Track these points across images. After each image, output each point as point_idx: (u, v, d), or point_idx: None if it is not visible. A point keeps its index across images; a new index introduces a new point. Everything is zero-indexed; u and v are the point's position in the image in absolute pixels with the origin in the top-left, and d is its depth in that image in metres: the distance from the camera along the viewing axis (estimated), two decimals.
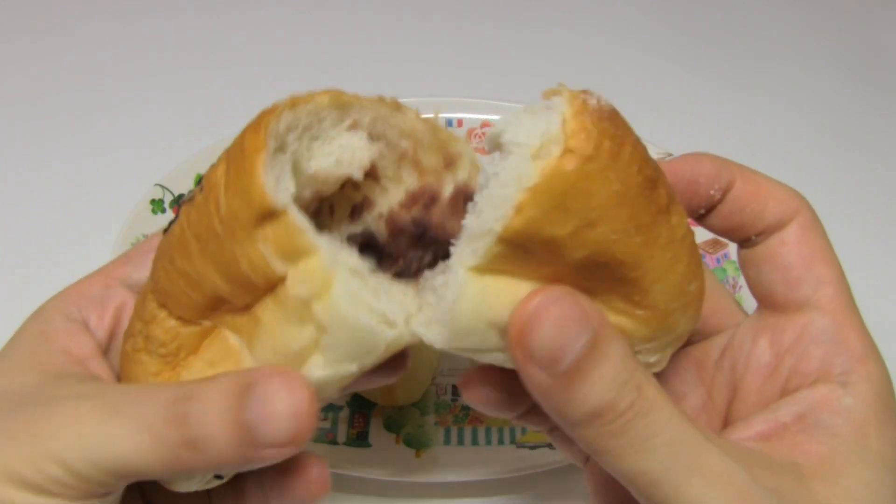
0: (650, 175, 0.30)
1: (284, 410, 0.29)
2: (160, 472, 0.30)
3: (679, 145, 0.70)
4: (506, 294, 0.30)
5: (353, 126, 0.35)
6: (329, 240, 0.32)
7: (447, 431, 0.53)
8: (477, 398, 0.36)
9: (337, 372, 0.31)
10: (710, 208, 0.36)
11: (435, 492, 0.51)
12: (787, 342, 0.34)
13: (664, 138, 0.71)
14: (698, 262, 0.32)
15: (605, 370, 0.29)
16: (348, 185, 0.37)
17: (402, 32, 0.90)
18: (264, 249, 0.30)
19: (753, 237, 0.36)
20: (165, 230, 0.35)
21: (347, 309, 0.30)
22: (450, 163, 0.38)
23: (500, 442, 0.52)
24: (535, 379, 0.29)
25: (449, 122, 0.72)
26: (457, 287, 0.30)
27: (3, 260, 0.64)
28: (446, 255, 0.33)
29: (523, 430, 0.52)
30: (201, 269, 0.32)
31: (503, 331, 0.30)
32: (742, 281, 0.58)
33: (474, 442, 0.52)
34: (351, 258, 0.32)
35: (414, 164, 0.38)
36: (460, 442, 0.52)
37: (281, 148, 0.32)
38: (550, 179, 0.27)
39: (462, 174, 0.38)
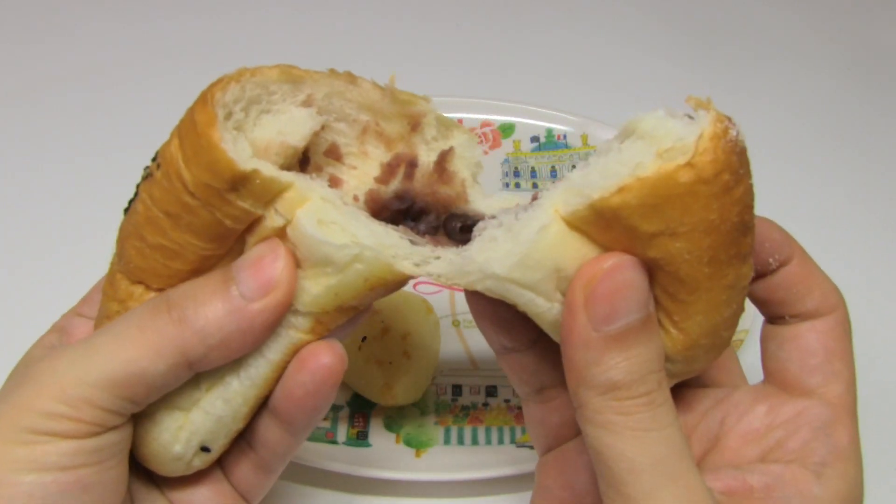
0: (746, 221, 0.31)
1: (258, 254, 0.32)
2: (160, 360, 0.32)
3: None
4: (578, 248, 0.31)
5: (307, 102, 0.36)
6: (300, 174, 0.34)
7: (447, 431, 0.53)
8: (485, 309, 0.36)
9: (313, 273, 0.33)
10: (761, 275, 0.37)
11: (435, 491, 0.51)
12: (782, 417, 0.35)
13: None
14: (739, 316, 0.33)
15: (640, 351, 0.30)
16: (309, 167, 0.38)
17: (402, 32, 0.91)
18: (244, 205, 0.32)
19: (787, 316, 0.37)
20: (126, 210, 0.36)
21: (307, 224, 0.32)
22: (415, 125, 0.38)
23: (500, 442, 0.52)
24: (580, 329, 0.30)
25: None
26: (543, 222, 0.31)
27: (3, 260, 0.64)
28: (449, 223, 0.36)
29: (523, 430, 0.52)
30: (179, 240, 0.33)
31: (561, 279, 0.31)
32: None
33: (474, 442, 0.52)
34: (323, 189, 0.34)
35: (378, 135, 0.38)
36: (460, 442, 0.52)
37: (227, 117, 0.33)
38: (661, 180, 0.29)
39: (430, 132, 0.38)
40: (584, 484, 0.36)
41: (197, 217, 0.32)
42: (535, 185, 0.70)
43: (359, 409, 0.53)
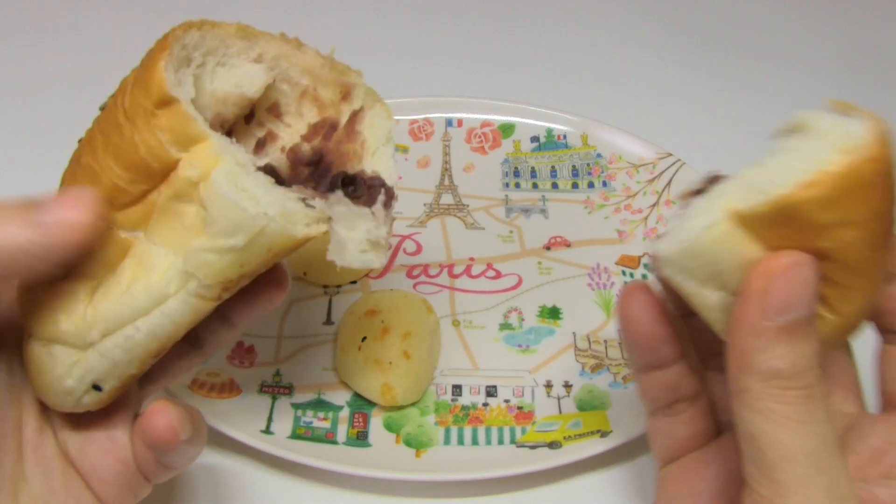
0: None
1: (66, 199, 0.33)
2: None
3: (679, 145, 0.70)
4: (740, 247, 0.33)
5: (258, 59, 0.40)
6: (219, 136, 0.35)
7: (447, 431, 0.53)
8: (641, 306, 0.38)
9: (212, 244, 0.34)
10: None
11: (435, 492, 0.51)
12: None
13: (664, 138, 0.71)
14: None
15: (804, 345, 0.31)
16: (253, 121, 0.41)
17: (402, 32, 0.90)
18: (161, 136, 0.34)
19: None
20: (80, 140, 0.39)
21: (224, 186, 0.33)
22: (346, 94, 0.43)
23: (500, 442, 0.52)
24: (752, 317, 0.31)
25: (449, 122, 0.72)
26: (713, 218, 0.33)
27: None
28: (347, 182, 0.39)
29: (523, 430, 0.53)
30: (103, 161, 0.35)
31: (720, 277, 0.33)
32: None
33: (474, 442, 0.52)
34: (238, 153, 0.35)
35: (314, 99, 0.42)
36: (460, 442, 0.52)
37: (186, 61, 0.36)
38: (849, 173, 0.31)
39: (358, 102, 0.43)
40: (711, 492, 0.38)
41: (122, 139, 0.35)
42: (535, 186, 0.70)
43: (358, 410, 0.53)
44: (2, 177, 0.71)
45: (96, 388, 0.37)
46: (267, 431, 0.51)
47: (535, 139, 0.72)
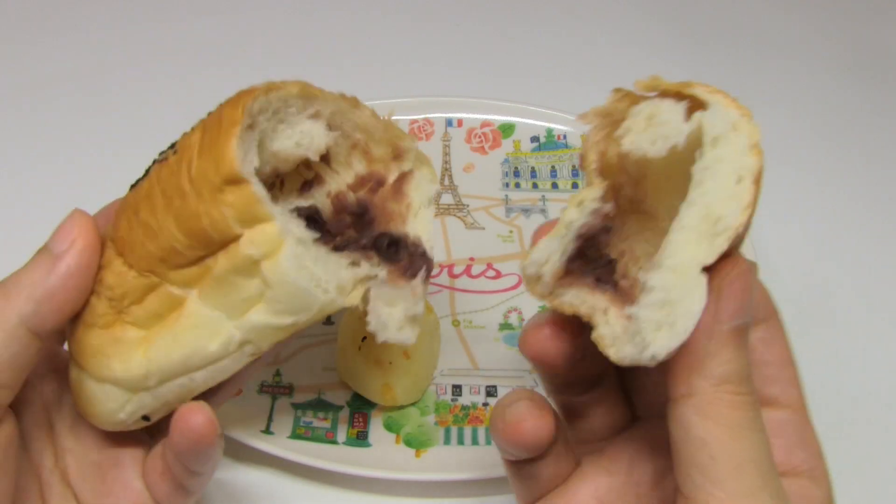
0: None
1: (64, 225, 0.37)
2: (12, 342, 0.35)
3: None
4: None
5: (315, 115, 0.40)
6: (281, 211, 0.37)
7: (447, 431, 0.53)
8: (545, 342, 0.37)
9: (275, 321, 0.36)
10: None
11: (435, 491, 0.51)
12: None
13: None
14: None
15: (745, 353, 0.31)
16: (302, 163, 0.42)
17: (402, 32, 0.90)
18: (226, 211, 0.35)
19: None
20: (133, 186, 0.39)
21: (291, 271, 0.35)
22: (397, 155, 0.43)
23: None
24: (707, 320, 0.31)
25: (449, 122, 0.72)
26: (701, 294, 0.31)
27: (3, 260, 0.64)
28: (391, 244, 0.41)
29: None
30: (163, 221, 0.36)
31: None
32: None
33: (474, 442, 0.52)
34: (298, 229, 0.37)
35: (364, 153, 0.43)
36: (460, 442, 0.52)
37: (252, 126, 0.36)
38: (759, 168, 0.30)
39: (408, 164, 0.43)
40: None
41: (185, 205, 0.35)
42: (535, 185, 0.70)
43: (359, 409, 0.54)
44: (2, 177, 0.71)
45: (145, 418, 0.39)
46: (267, 431, 0.51)
47: (535, 139, 0.72)
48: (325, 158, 0.42)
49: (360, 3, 0.95)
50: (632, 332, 0.32)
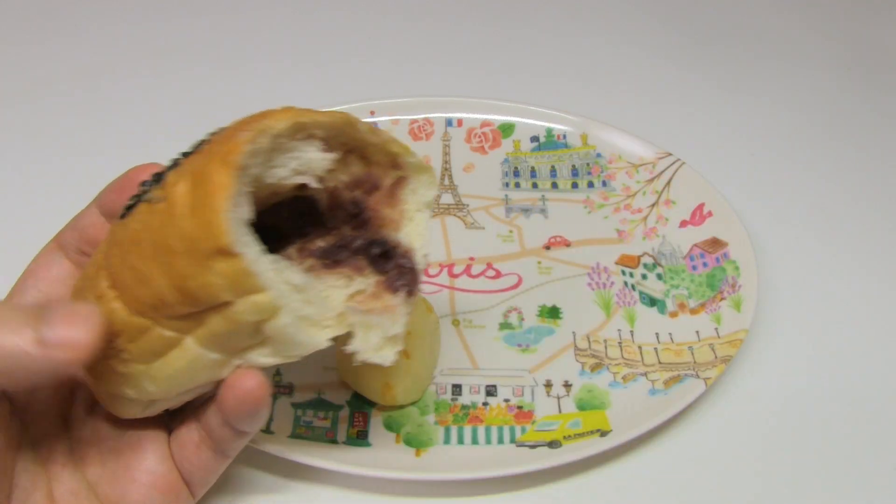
0: None
1: (78, 320, 0.32)
2: None
3: (679, 145, 0.70)
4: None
5: (310, 139, 0.38)
6: (274, 262, 0.35)
7: (447, 431, 0.53)
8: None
9: (280, 360, 0.37)
10: None
11: (435, 491, 0.51)
12: None
13: (664, 138, 0.71)
14: None
15: None
16: None
17: (401, 32, 0.91)
18: (215, 280, 0.33)
19: None
20: (122, 216, 0.37)
21: (292, 331, 0.35)
22: (395, 163, 0.42)
23: (500, 441, 0.52)
24: None
25: (449, 122, 0.72)
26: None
27: (3, 260, 0.64)
28: (383, 252, 0.40)
29: (523, 430, 0.53)
30: (152, 272, 0.34)
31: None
32: (742, 280, 0.58)
33: (474, 441, 0.52)
34: (293, 275, 0.36)
35: (361, 157, 0.42)
36: (460, 441, 0.52)
37: (244, 169, 0.34)
38: None
39: (404, 172, 0.42)
40: None
41: (175, 263, 0.33)
42: (534, 185, 0.70)
43: (358, 409, 0.54)
44: (2, 177, 0.71)
45: (167, 411, 0.41)
46: (267, 431, 0.51)
47: (534, 139, 0.72)
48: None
49: (360, 2, 0.95)
50: None
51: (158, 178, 0.36)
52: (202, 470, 0.41)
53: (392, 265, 0.41)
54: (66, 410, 0.42)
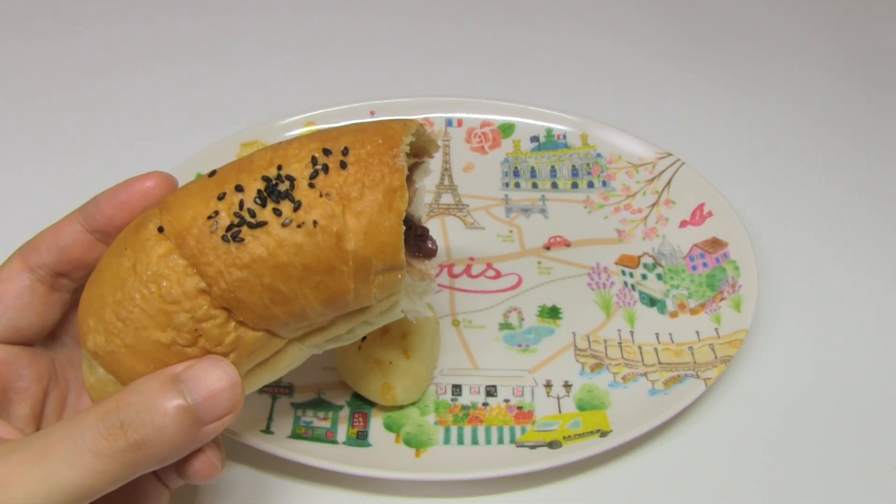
0: None
1: (220, 384, 0.34)
2: (115, 482, 0.32)
3: (679, 145, 0.70)
4: None
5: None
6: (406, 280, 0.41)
7: (447, 431, 0.53)
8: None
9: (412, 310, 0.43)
10: None
11: (435, 491, 0.51)
12: None
13: (664, 138, 0.71)
14: None
15: None
16: None
17: (402, 32, 0.91)
18: (374, 290, 0.38)
19: None
20: (227, 237, 0.36)
21: (396, 314, 0.43)
22: (419, 153, 0.45)
23: (500, 441, 0.52)
24: None
25: (449, 122, 0.72)
26: None
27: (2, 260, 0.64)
28: None
29: (523, 430, 0.53)
30: (299, 291, 0.37)
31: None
32: (742, 280, 0.58)
33: (474, 441, 0.52)
34: (411, 276, 0.42)
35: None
36: (460, 441, 0.52)
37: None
38: None
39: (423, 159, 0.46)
40: None
41: (333, 280, 0.37)
42: (534, 185, 0.70)
43: (358, 409, 0.54)
44: (2, 177, 0.71)
45: None
46: (267, 431, 0.51)
47: (534, 139, 0.72)
48: None
49: (360, 3, 0.95)
50: None
51: (278, 195, 0.36)
52: None
53: (410, 236, 0.43)
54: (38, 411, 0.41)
